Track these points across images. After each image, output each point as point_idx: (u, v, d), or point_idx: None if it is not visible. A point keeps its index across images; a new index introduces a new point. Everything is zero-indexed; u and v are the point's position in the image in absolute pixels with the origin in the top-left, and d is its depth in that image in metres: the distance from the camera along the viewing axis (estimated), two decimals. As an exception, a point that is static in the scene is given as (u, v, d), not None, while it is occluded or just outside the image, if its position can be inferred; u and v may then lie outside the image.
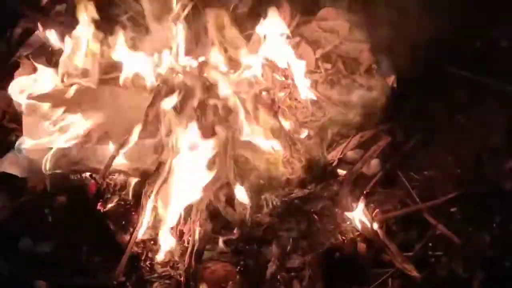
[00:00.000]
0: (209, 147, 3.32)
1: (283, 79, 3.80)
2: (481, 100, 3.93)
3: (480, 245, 3.35)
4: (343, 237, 3.38)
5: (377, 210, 3.46)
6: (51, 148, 3.46)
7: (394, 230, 3.44)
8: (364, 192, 3.52)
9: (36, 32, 4.06)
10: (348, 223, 3.42)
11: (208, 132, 3.37)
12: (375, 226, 3.37)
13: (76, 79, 3.59)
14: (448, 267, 3.27)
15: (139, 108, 3.46)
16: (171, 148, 3.33)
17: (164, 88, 3.43)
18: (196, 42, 3.77)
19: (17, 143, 3.53)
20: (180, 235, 3.36)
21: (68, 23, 3.80)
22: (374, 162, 3.66)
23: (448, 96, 3.98)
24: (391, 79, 3.92)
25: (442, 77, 4.03)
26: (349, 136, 3.75)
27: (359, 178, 3.62)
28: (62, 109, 3.53)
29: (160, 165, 3.34)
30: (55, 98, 3.56)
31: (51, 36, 3.85)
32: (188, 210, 3.33)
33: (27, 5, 4.17)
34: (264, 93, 3.62)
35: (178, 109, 3.40)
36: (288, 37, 3.75)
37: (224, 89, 3.41)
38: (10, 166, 3.58)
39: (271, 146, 3.49)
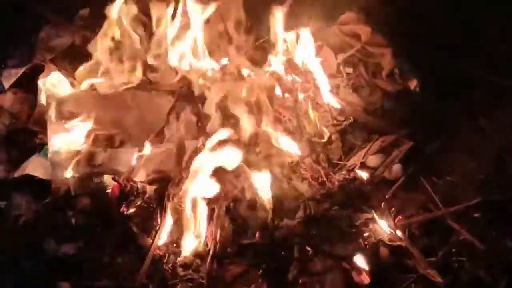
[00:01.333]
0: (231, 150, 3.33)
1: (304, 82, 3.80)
2: (504, 104, 3.89)
3: (503, 250, 3.32)
4: (366, 242, 3.37)
5: (399, 215, 3.44)
6: (74, 151, 3.49)
7: (417, 235, 3.42)
8: (386, 197, 3.51)
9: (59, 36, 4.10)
10: (370, 227, 3.40)
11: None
12: (398, 231, 3.36)
13: (99, 83, 3.62)
14: (472, 273, 3.24)
15: (161, 112, 3.50)
16: (194, 151, 3.35)
17: (185, 91, 3.46)
18: (218, 44, 3.77)
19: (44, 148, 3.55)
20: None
21: (92, 27, 3.81)
22: (396, 167, 3.65)
23: (470, 99, 3.95)
24: (413, 83, 3.91)
25: (463, 80, 4.01)
26: (370, 140, 3.74)
27: (381, 183, 3.61)
28: (85, 113, 3.56)
29: (182, 167, 3.36)
30: (79, 102, 3.59)
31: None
32: (210, 212, 3.34)
33: (52, 10, 4.19)
34: (286, 95, 3.65)
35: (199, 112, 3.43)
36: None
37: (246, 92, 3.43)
38: (34, 168, 3.61)
39: (292, 148, 3.52)
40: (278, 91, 3.71)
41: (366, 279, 3.16)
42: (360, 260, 3.21)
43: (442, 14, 3.94)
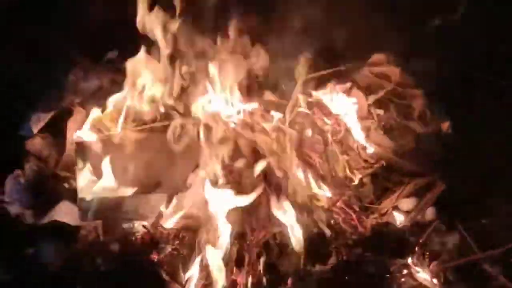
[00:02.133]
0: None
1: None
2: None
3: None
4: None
5: (434, 260, 3.37)
6: (103, 197, 3.47)
7: (452, 281, 3.35)
8: (420, 241, 3.45)
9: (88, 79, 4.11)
10: (405, 273, 3.33)
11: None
12: (433, 277, 3.29)
13: (128, 127, 3.62)
14: (510, 320, 3.17)
15: (191, 157, 3.48)
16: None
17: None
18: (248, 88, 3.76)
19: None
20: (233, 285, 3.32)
21: (120, 70, 3.81)
22: (430, 210, 3.59)
23: (506, 139, 3.88)
24: (446, 125, 3.86)
25: (500, 118, 3.95)
26: (402, 183, 3.69)
27: (414, 226, 3.55)
28: (114, 158, 3.55)
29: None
30: (107, 146, 3.58)
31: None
32: (241, 259, 3.30)
33: (80, 53, 4.21)
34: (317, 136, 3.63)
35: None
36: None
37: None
38: (63, 214, 3.60)
39: (322, 192, 3.49)
40: (307, 133, 3.67)
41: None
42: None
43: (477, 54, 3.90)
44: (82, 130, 3.65)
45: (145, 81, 3.65)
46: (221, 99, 3.60)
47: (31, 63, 4.04)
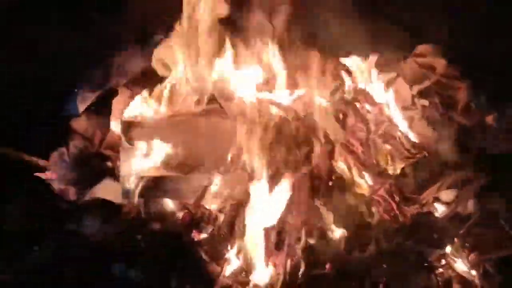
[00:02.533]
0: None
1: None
2: None
3: None
4: (438, 278, 3.29)
5: (473, 251, 3.36)
6: (146, 176, 3.51)
7: (491, 273, 3.34)
8: (460, 232, 3.44)
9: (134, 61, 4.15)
10: (443, 263, 3.32)
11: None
12: (472, 268, 3.28)
13: (174, 109, 3.65)
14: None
15: (233, 139, 3.50)
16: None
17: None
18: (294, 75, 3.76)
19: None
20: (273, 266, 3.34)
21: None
22: (470, 202, 3.57)
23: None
24: (490, 118, 3.83)
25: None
26: (444, 175, 3.67)
27: (455, 218, 3.54)
28: (158, 138, 3.58)
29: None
30: (152, 127, 3.61)
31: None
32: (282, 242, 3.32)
33: (128, 34, 4.25)
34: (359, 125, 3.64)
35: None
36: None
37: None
38: (105, 191, 3.66)
39: (364, 180, 3.49)
40: (350, 121, 3.68)
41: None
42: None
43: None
44: (127, 110, 3.68)
45: (191, 62, 3.66)
46: (268, 83, 3.61)
47: (80, 42, 4.10)
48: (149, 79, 3.91)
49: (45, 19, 4.18)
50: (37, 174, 3.82)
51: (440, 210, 3.58)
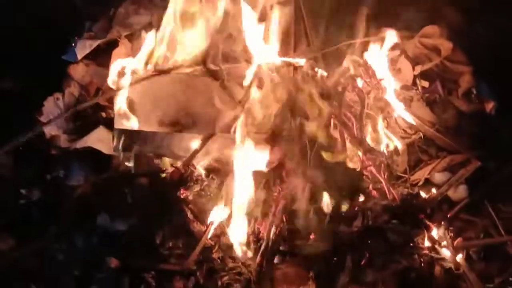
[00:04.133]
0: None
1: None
2: None
3: None
4: (421, 259, 3.28)
5: (459, 236, 3.36)
6: (139, 130, 3.49)
7: (474, 259, 3.35)
8: (448, 216, 3.43)
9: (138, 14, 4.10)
10: (427, 245, 3.32)
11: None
12: (455, 252, 3.27)
13: (171, 66, 3.61)
14: (528, 306, 3.15)
15: (229, 100, 3.47)
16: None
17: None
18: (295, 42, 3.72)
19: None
20: (256, 233, 3.33)
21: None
22: (462, 188, 3.58)
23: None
24: (490, 106, 3.81)
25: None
26: (438, 157, 3.66)
27: (444, 201, 3.54)
28: (153, 94, 3.55)
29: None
30: (148, 83, 3.57)
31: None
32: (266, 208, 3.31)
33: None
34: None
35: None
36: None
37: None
38: (97, 142, 3.63)
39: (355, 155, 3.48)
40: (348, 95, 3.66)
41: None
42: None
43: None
44: (127, 62, 3.64)
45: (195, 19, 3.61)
46: (269, 50, 3.57)
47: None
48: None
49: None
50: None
51: (430, 192, 3.57)
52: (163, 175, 3.54)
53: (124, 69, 3.58)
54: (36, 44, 4.01)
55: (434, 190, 3.58)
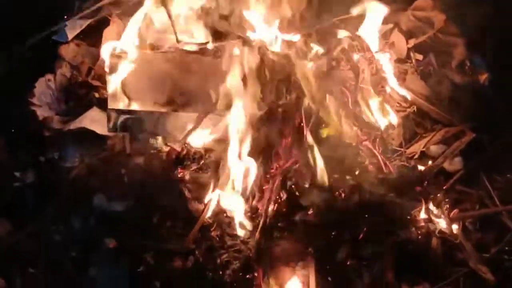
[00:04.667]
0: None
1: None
2: None
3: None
4: (418, 231, 3.31)
5: (455, 208, 3.40)
6: (133, 110, 3.47)
7: (471, 230, 3.39)
8: (444, 188, 3.46)
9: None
10: (424, 217, 3.34)
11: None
12: (452, 223, 3.30)
13: (164, 46, 3.59)
14: (524, 273, 3.20)
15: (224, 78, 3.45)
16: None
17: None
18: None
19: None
20: (254, 210, 3.34)
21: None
22: (457, 159, 3.60)
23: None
24: (483, 77, 3.83)
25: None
26: (433, 130, 3.68)
27: (439, 174, 3.57)
28: (148, 73, 3.53)
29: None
30: (142, 62, 3.55)
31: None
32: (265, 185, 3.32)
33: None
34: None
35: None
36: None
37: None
38: (91, 122, 3.61)
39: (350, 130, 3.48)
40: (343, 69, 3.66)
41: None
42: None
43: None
44: (119, 41, 3.61)
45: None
46: (263, 26, 3.55)
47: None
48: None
49: None
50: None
51: (426, 164, 3.60)
52: (159, 154, 3.52)
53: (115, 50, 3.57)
54: (25, 25, 3.95)
55: (430, 163, 3.59)
